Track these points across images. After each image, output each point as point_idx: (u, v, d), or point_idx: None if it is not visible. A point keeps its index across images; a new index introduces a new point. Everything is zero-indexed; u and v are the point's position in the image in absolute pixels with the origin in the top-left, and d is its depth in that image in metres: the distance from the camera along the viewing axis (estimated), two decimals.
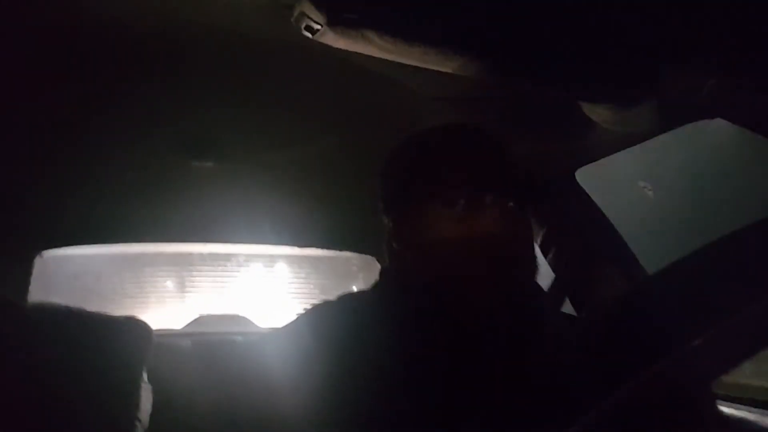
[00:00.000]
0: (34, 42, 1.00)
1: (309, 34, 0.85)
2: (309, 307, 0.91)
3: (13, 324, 1.21)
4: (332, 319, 0.86)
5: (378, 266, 1.92)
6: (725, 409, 1.12)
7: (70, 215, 1.59)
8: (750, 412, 1.13)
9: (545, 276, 1.36)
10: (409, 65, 0.91)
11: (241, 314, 2.00)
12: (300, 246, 2.00)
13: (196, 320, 1.94)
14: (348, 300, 0.91)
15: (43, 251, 1.63)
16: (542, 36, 0.88)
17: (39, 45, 1.01)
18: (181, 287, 2.46)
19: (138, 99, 1.20)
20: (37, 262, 1.61)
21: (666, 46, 0.88)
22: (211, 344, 1.72)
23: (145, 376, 1.44)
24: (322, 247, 2.00)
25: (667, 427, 0.40)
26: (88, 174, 1.45)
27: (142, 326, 1.48)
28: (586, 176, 1.42)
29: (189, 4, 0.92)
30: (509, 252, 0.79)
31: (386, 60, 0.90)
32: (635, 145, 1.24)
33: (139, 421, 1.37)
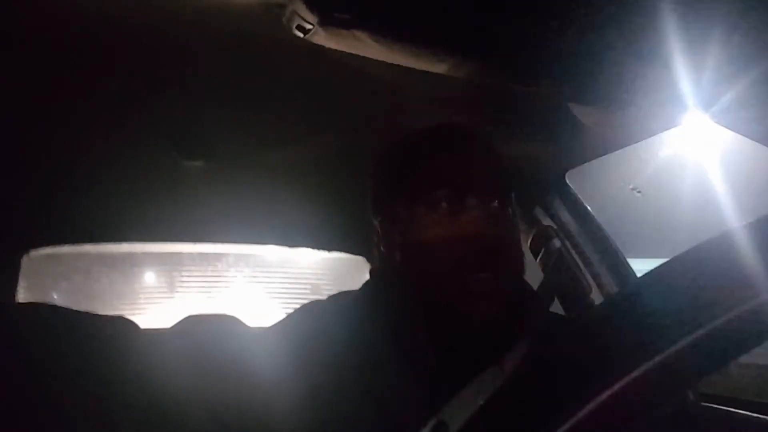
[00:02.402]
0: (23, 40, 1.00)
1: (301, 34, 0.85)
2: (299, 306, 0.91)
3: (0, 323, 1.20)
4: (322, 318, 0.86)
5: (368, 267, 1.92)
6: (721, 409, 1.13)
7: (58, 214, 1.58)
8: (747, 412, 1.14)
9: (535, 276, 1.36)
10: (401, 66, 0.91)
11: (230, 314, 1.99)
12: (290, 246, 1.99)
13: (185, 319, 1.93)
14: (338, 300, 0.91)
15: (31, 250, 1.62)
16: (533, 37, 0.88)
17: (27, 42, 1.00)
18: (171, 287, 2.44)
19: (128, 98, 1.19)
20: (25, 261, 1.59)
21: (657, 48, 0.89)
22: (200, 344, 1.71)
23: (133, 375, 1.43)
24: (313, 247, 2.00)
25: (655, 427, 0.40)
26: (77, 172, 1.44)
27: (131, 325, 1.47)
28: (577, 177, 1.43)
29: (180, 3, 0.92)
30: (493, 252, 0.80)
31: (378, 60, 0.90)
32: (626, 146, 1.25)
33: (128, 420, 1.36)
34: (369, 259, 1.93)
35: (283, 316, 0.91)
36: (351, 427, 0.74)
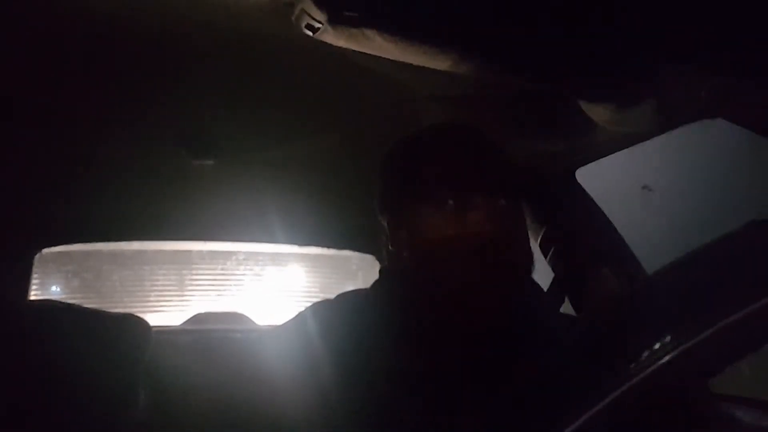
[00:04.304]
0: (33, 39, 1.00)
1: (310, 33, 0.85)
2: (308, 305, 0.91)
3: (12, 321, 1.21)
4: (331, 317, 0.86)
5: (378, 265, 1.92)
6: (725, 408, 1.13)
7: (69, 213, 1.59)
8: (750, 411, 1.13)
9: (545, 275, 1.36)
10: (409, 64, 0.91)
11: (240, 312, 2.00)
12: (300, 244, 2.00)
13: (194, 317, 1.94)
14: (347, 298, 0.91)
15: (43, 249, 1.63)
16: (542, 34, 0.88)
17: (38, 42, 1.01)
18: (181, 285, 2.46)
19: (138, 97, 1.20)
20: (37, 259, 1.61)
21: (666, 45, 0.88)
22: (210, 342, 1.72)
23: (143, 373, 1.44)
24: (322, 245, 2.00)
25: (664, 426, 0.40)
26: (88, 172, 1.45)
27: (141, 324, 1.48)
28: (586, 176, 1.42)
29: (189, 3, 0.92)
30: (499, 250, 0.79)
31: (387, 58, 0.90)
32: (635, 144, 1.24)
33: (137, 418, 1.37)
34: (378, 258, 1.94)
35: (293, 314, 0.91)
36: (359, 425, 0.74)
